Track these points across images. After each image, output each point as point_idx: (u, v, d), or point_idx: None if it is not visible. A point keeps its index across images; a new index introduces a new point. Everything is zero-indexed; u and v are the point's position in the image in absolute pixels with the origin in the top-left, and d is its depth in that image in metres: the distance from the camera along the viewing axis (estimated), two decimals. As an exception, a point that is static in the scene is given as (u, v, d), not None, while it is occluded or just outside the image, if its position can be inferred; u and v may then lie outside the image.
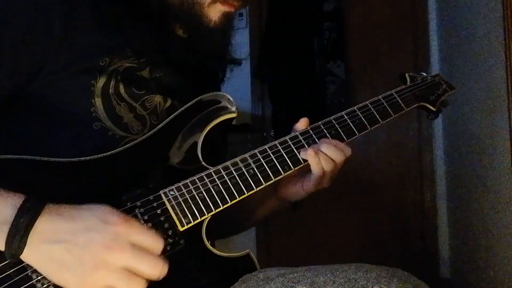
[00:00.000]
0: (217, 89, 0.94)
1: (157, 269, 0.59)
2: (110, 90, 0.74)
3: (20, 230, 0.56)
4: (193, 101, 0.79)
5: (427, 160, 2.83)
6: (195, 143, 0.76)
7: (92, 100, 0.72)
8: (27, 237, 0.56)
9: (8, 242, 0.56)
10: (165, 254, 0.65)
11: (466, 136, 2.35)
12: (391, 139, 2.88)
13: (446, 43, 2.67)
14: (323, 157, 0.80)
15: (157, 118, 0.78)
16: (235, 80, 0.95)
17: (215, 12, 0.79)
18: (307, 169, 0.82)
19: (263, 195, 0.89)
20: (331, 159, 0.81)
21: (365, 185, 2.87)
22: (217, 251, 0.73)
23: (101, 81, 0.73)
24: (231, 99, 0.80)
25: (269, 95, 2.88)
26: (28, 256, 0.57)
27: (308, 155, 0.80)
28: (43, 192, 0.62)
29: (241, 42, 0.92)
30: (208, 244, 0.72)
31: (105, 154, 0.70)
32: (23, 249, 0.56)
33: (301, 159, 0.81)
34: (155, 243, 0.60)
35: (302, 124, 0.84)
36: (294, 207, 0.94)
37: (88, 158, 0.69)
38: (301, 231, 2.88)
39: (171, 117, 0.77)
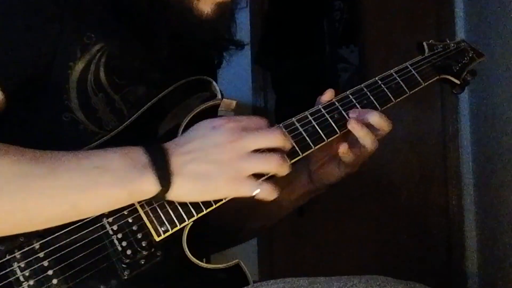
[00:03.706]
0: (213, 77, 0.94)
1: (278, 136, 0.69)
2: (89, 75, 0.73)
3: (162, 168, 0.64)
4: (170, 88, 0.79)
5: (452, 158, 2.83)
6: (174, 137, 0.75)
7: (66, 86, 0.72)
8: (169, 170, 0.64)
9: (161, 179, 0.64)
10: (139, 269, 0.66)
11: (497, 130, 2.33)
12: (411, 134, 2.89)
13: (475, 25, 2.65)
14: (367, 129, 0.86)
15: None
16: (233, 67, 0.95)
17: (207, 4, 0.79)
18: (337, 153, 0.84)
19: (292, 178, 0.89)
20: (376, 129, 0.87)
21: (381, 186, 2.87)
22: (201, 263, 0.71)
23: (81, 64, 0.73)
24: (215, 84, 0.80)
25: (272, 84, 2.90)
26: (176, 188, 0.65)
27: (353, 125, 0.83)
28: None
29: (241, 24, 0.93)
30: (190, 255, 0.71)
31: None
32: (171, 182, 0.64)
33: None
34: (255, 120, 0.70)
35: (327, 96, 0.84)
36: (300, 211, 0.93)
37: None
38: (308, 238, 2.90)
39: (145, 107, 0.77)
